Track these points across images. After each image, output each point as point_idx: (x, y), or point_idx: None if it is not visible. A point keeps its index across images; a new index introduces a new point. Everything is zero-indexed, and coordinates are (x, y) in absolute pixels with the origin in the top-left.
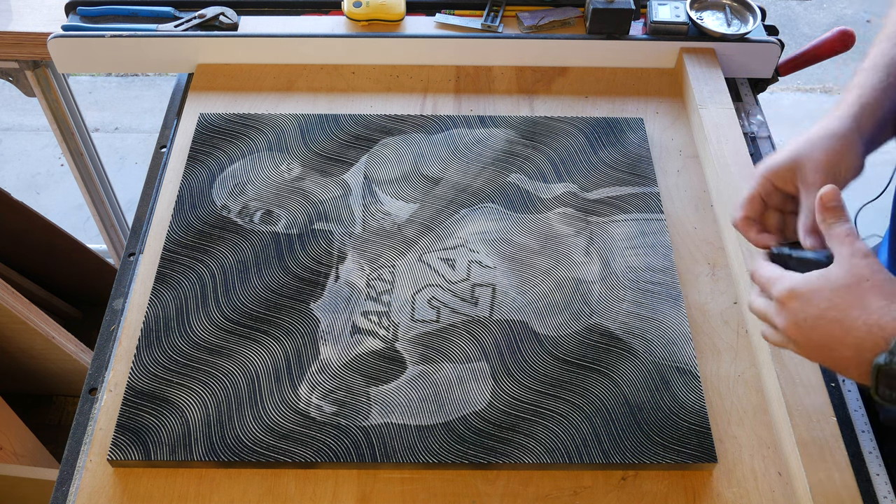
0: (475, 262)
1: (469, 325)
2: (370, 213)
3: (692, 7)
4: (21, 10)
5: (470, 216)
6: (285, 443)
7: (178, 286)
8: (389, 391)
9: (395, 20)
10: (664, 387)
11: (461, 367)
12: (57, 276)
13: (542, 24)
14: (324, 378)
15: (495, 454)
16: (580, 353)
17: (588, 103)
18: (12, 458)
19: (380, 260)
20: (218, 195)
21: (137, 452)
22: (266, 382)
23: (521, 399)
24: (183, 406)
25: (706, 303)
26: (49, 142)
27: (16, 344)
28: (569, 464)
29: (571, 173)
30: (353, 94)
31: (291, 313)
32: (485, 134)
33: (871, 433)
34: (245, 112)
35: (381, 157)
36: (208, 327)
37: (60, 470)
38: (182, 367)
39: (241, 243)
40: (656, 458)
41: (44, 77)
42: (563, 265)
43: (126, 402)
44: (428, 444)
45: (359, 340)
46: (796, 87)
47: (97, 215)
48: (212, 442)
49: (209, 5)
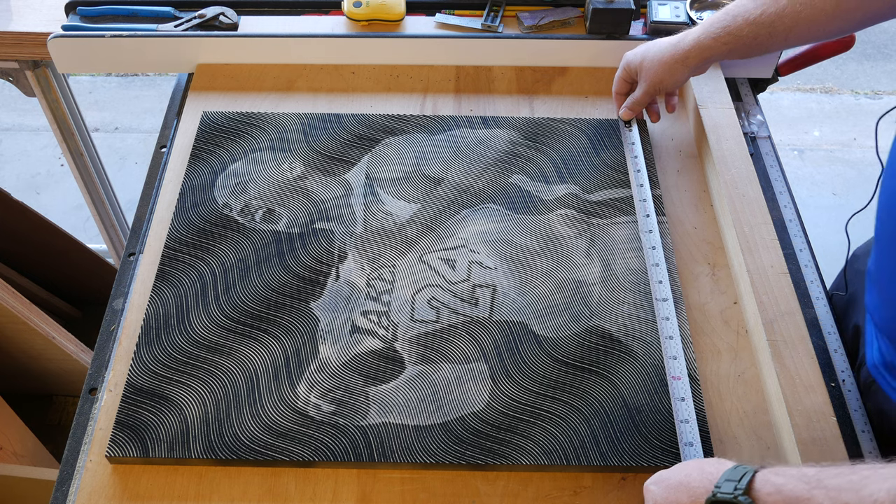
0: (476, 263)
1: (468, 325)
2: (371, 213)
3: (692, 7)
4: (21, 10)
5: (471, 217)
6: (283, 441)
7: (179, 284)
8: (388, 391)
9: (395, 20)
10: (663, 390)
11: (460, 368)
12: (57, 276)
13: (542, 24)
14: (323, 377)
15: (493, 455)
16: (579, 355)
17: (588, 103)
18: (12, 458)
19: (380, 260)
20: (220, 193)
21: (136, 449)
22: (265, 381)
23: (520, 400)
24: (182, 404)
25: (706, 303)
26: (49, 142)
27: (16, 344)
28: (566, 466)
29: (573, 175)
30: (354, 94)
31: (291, 312)
32: (487, 135)
33: (871, 433)
34: (246, 111)
35: (384, 157)
36: (208, 325)
37: (60, 470)
38: (181, 364)
39: (243, 242)
40: (654, 462)
41: (44, 77)
42: (563, 267)
43: (125, 399)
44: (425, 444)
45: (358, 340)
46: (796, 87)
47: (97, 215)
48: (210, 440)
49: (209, 5)
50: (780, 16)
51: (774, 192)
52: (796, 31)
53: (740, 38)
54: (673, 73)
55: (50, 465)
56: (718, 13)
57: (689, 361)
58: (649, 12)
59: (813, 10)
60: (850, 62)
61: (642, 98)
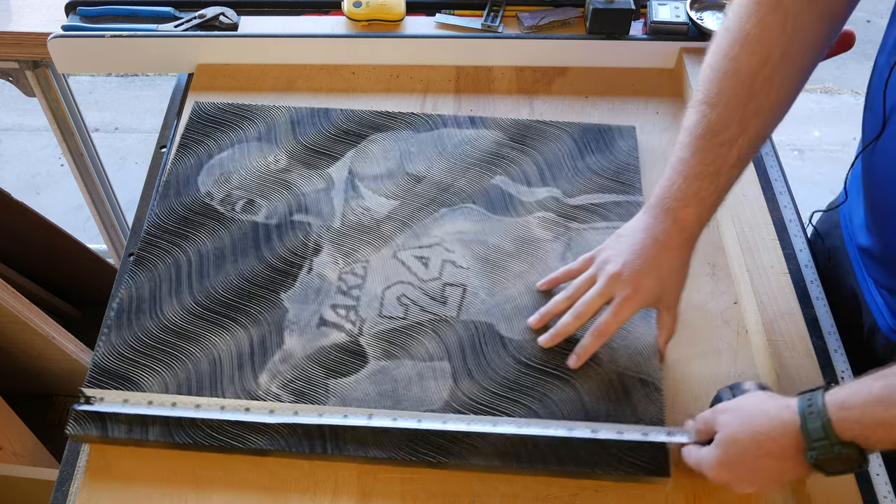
0: (449, 262)
1: (435, 323)
2: (350, 208)
3: (692, 7)
4: (21, 10)
5: (449, 216)
6: (239, 429)
7: (155, 269)
8: (348, 384)
9: (395, 20)
10: (625, 397)
11: (422, 365)
12: (57, 276)
13: (542, 24)
14: (285, 368)
15: (446, 454)
16: (543, 359)
17: (588, 103)
18: (12, 458)
19: (354, 254)
20: (204, 182)
21: (95, 428)
22: (228, 368)
23: (478, 401)
24: (144, 387)
25: (706, 303)
26: (49, 142)
27: (16, 344)
28: (519, 468)
29: (556, 178)
30: (353, 94)
31: (261, 302)
32: (474, 135)
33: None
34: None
35: (368, 153)
36: (179, 311)
37: (60, 470)
38: (149, 348)
39: (220, 231)
40: (609, 469)
41: (44, 77)
42: (536, 269)
43: (90, 378)
44: (379, 439)
45: (324, 333)
46: None
47: (97, 215)
48: (167, 423)
49: (209, 5)
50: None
51: (774, 192)
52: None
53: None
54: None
55: (50, 465)
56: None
57: (654, 370)
58: (649, 12)
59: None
60: (850, 62)
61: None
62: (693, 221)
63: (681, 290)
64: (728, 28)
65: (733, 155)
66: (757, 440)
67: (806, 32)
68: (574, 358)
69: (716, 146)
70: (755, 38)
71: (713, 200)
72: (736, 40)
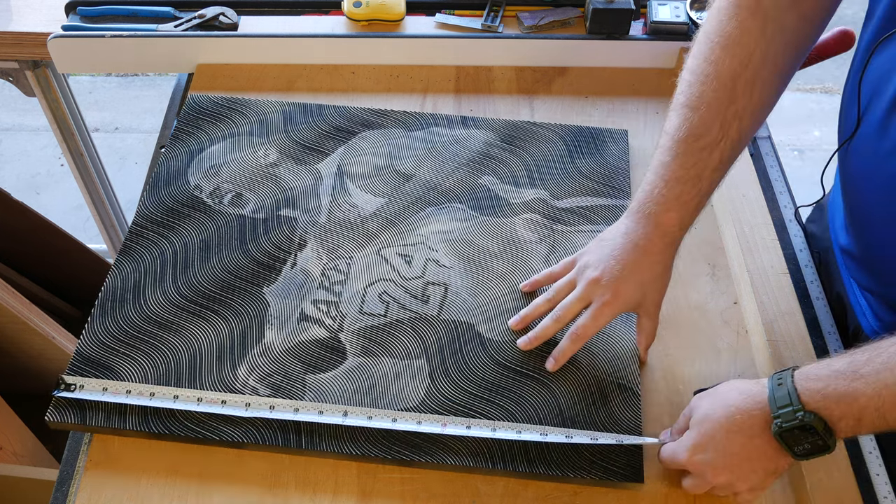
0: (432, 261)
1: (415, 322)
2: (337, 204)
3: (692, 7)
4: (21, 10)
5: (435, 214)
6: (216, 421)
7: (140, 260)
8: (325, 380)
9: (395, 20)
10: (602, 402)
11: (400, 363)
12: (57, 276)
13: (542, 24)
14: (264, 361)
15: (420, 452)
16: (522, 361)
17: (588, 103)
18: (12, 458)
19: (339, 251)
20: (194, 174)
21: (74, 416)
22: (207, 360)
23: (454, 400)
24: (124, 376)
25: (706, 303)
26: (49, 142)
27: (16, 344)
28: (492, 469)
29: (545, 180)
30: (353, 94)
31: (244, 295)
32: (464, 134)
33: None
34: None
35: (358, 150)
36: (162, 302)
37: (60, 470)
38: (131, 338)
39: (207, 223)
40: (581, 473)
41: (44, 77)
42: (519, 271)
43: (71, 366)
44: (353, 435)
45: (304, 328)
46: (796, 87)
47: (97, 215)
48: (145, 412)
49: (209, 5)
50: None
51: (774, 192)
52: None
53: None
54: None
55: (50, 465)
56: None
57: (633, 375)
58: (649, 12)
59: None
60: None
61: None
62: (675, 226)
63: (662, 296)
64: (708, 32)
65: (715, 158)
66: (728, 413)
67: (786, 35)
68: (552, 361)
69: (697, 150)
70: (735, 40)
71: (695, 204)
72: (716, 44)
